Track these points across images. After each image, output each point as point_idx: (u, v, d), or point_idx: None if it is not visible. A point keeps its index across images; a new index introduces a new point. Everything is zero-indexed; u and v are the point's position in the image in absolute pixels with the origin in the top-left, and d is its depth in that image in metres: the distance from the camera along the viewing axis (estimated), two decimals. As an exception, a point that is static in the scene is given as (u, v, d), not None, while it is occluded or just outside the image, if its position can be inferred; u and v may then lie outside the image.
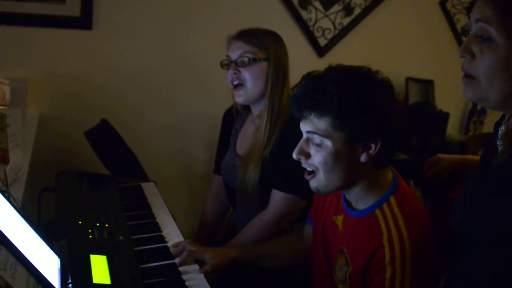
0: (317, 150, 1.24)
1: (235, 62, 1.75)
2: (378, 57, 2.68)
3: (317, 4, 2.64)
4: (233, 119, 1.96)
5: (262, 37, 1.76)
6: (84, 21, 2.27)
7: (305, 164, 1.28)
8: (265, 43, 1.75)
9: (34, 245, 1.19)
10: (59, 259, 1.26)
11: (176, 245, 1.50)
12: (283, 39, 1.81)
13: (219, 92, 2.19)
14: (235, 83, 1.76)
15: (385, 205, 1.26)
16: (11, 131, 1.70)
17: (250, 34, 1.77)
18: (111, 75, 2.38)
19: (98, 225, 1.48)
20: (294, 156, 1.28)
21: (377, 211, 1.26)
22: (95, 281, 1.22)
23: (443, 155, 1.56)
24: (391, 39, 2.86)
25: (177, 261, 1.43)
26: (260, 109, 1.80)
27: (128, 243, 1.44)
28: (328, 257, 1.41)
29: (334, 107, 1.20)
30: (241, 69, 1.75)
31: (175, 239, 1.55)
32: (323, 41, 2.70)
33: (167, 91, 2.48)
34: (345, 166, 1.24)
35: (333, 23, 2.70)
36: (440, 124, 2.87)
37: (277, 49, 1.76)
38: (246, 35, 1.76)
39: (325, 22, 2.68)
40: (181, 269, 1.40)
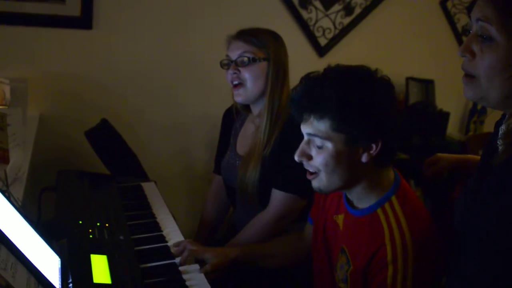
0: (318, 152, 1.25)
1: (235, 62, 1.75)
2: (378, 56, 2.68)
3: (318, 3, 2.63)
4: (233, 118, 1.96)
5: (261, 36, 1.76)
6: (84, 21, 2.27)
7: (307, 165, 1.28)
8: (264, 43, 1.75)
9: (34, 244, 1.19)
10: (59, 259, 1.26)
11: (177, 244, 1.50)
12: (283, 38, 1.81)
13: (219, 92, 2.18)
14: (235, 82, 1.76)
15: (387, 205, 1.26)
16: (11, 130, 1.69)
17: (249, 33, 1.77)
18: (111, 75, 2.38)
19: (98, 224, 1.48)
20: (296, 158, 1.28)
21: (379, 211, 1.26)
22: (95, 280, 1.22)
23: (443, 155, 1.56)
24: (392, 38, 2.86)
25: (178, 260, 1.43)
26: (260, 108, 1.80)
27: (128, 243, 1.44)
28: (328, 256, 1.41)
29: (333, 110, 1.20)
30: (241, 68, 1.75)
31: (176, 238, 1.55)
32: (323, 41, 2.70)
33: (167, 90, 2.48)
34: (347, 166, 1.24)
35: (334, 23, 2.70)
36: (440, 123, 2.86)
37: (276, 49, 1.76)
38: (245, 35, 1.76)
39: (326, 21, 2.68)
40: (182, 268, 1.40)
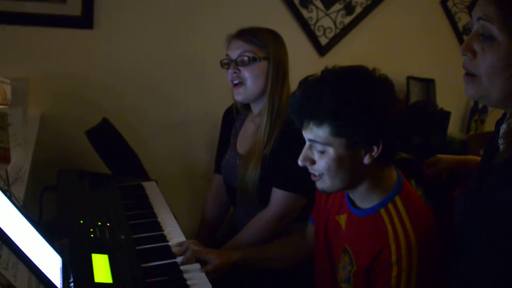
0: (320, 156, 1.25)
1: (235, 61, 1.75)
2: (379, 56, 2.68)
3: (318, 3, 2.63)
4: (233, 118, 1.96)
5: (261, 36, 1.76)
6: (85, 21, 2.26)
7: (311, 169, 1.29)
8: (264, 42, 1.74)
9: (35, 244, 1.19)
10: (60, 258, 1.26)
11: (180, 244, 1.50)
12: (283, 38, 1.80)
13: (219, 91, 2.18)
14: (235, 82, 1.76)
15: (390, 205, 1.26)
16: (12, 130, 1.69)
17: (249, 33, 1.77)
18: (112, 74, 2.38)
19: (99, 224, 1.48)
20: (299, 163, 1.29)
21: (382, 211, 1.27)
22: (96, 280, 1.22)
23: (443, 156, 1.56)
24: (392, 38, 2.86)
25: (179, 260, 1.43)
26: (260, 107, 1.80)
27: (129, 242, 1.44)
28: (330, 257, 1.41)
29: (330, 117, 1.20)
30: (241, 68, 1.75)
31: (177, 238, 1.55)
32: (324, 40, 2.70)
33: (167, 90, 2.48)
34: (349, 169, 1.25)
35: (334, 22, 2.70)
36: (441, 123, 2.86)
37: (276, 48, 1.76)
38: (245, 34, 1.76)
39: (326, 21, 2.68)
40: (183, 268, 1.40)
